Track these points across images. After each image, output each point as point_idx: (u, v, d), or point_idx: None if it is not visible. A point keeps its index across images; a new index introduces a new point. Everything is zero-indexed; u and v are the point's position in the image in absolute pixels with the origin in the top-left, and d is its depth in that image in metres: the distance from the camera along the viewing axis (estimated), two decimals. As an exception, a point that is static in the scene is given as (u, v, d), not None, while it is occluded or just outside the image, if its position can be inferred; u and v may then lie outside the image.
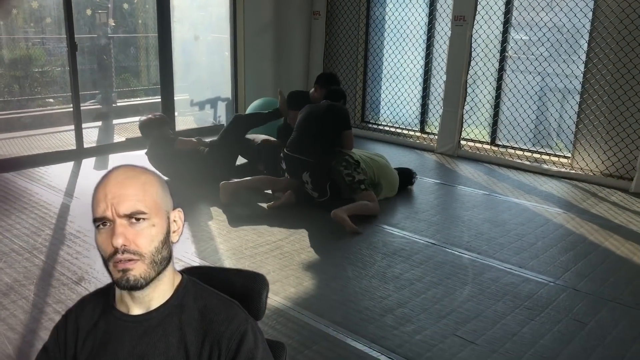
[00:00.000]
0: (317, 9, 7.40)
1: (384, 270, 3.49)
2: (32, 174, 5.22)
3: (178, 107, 6.93)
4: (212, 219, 4.25)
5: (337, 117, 4.60)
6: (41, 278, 3.24)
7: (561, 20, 5.70)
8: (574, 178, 5.53)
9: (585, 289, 3.31)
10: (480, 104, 6.46)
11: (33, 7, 5.99)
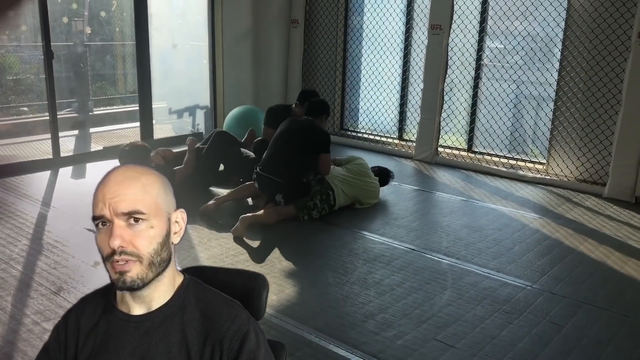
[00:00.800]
0: (296, 17, 7.44)
1: (365, 276, 3.52)
2: (8, 184, 5.14)
3: (156, 115, 6.89)
4: (192, 227, 4.23)
5: (316, 139, 4.45)
6: (18, 289, 3.20)
7: (535, 29, 5.83)
8: (549, 184, 5.64)
9: (561, 292, 3.38)
10: (457, 111, 6.55)
11: (9, 15, 5.92)
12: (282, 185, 4.38)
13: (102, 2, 6.69)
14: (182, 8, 7.43)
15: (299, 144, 4.45)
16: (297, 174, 4.43)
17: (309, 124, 4.57)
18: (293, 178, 4.41)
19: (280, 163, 4.42)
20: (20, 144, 6.59)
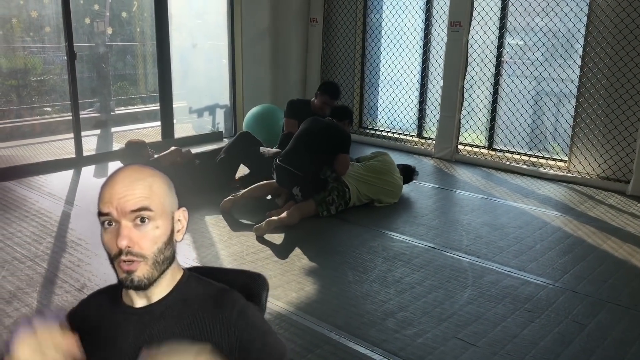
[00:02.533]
0: (314, 16, 7.45)
1: (385, 274, 3.52)
2: (32, 183, 5.23)
3: (177, 115, 6.96)
4: (213, 226, 4.27)
5: (336, 137, 4.53)
6: (44, 285, 3.26)
7: (556, 25, 5.76)
8: (571, 181, 5.58)
9: (584, 290, 3.34)
10: (477, 108, 6.50)
11: (32, 17, 6.01)
12: (300, 178, 4.44)
13: (123, 3, 6.77)
14: (201, 8, 7.48)
15: (320, 142, 4.51)
16: (315, 169, 4.48)
17: (332, 124, 4.66)
18: (311, 172, 4.46)
19: (300, 157, 4.48)
20: (44, 143, 6.71)
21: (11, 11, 5.81)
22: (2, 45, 6.27)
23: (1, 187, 5.06)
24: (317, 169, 4.48)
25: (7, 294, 3.13)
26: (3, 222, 4.23)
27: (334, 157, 4.51)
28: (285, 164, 4.50)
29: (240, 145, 5.11)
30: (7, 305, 3.01)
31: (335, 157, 4.50)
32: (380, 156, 4.91)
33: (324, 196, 4.44)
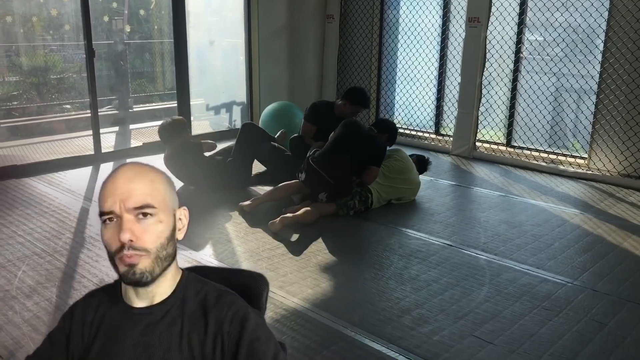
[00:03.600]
0: (331, 13, 7.43)
1: (401, 271, 3.50)
2: (52, 179, 5.30)
3: (194, 112, 6.99)
4: (230, 222, 4.28)
5: (374, 152, 4.47)
6: (63, 280, 3.29)
7: (576, 20, 5.67)
8: (591, 179, 5.50)
9: (604, 289, 3.30)
10: (496, 105, 6.44)
11: (52, 15, 6.08)
12: (330, 185, 4.37)
13: (142, 1, 6.81)
14: (218, 5, 7.50)
15: (360, 154, 4.44)
16: (347, 178, 4.43)
17: (375, 137, 4.59)
18: (341, 182, 4.40)
19: (336, 164, 4.40)
20: (64, 140, 6.78)
21: (32, 9, 5.88)
22: (23, 43, 6.35)
23: (22, 184, 5.13)
24: (348, 179, 4.42)
25: (27, 289, 3.17)
26: (23, 217, 4.29)
27: (366, 168, 4.46)
28: (318, 167, 4.40)
29: (247, 140, 5.09)
30: (27, 300, 3.05)
31: (365, 167, 4.46)
32: (396, 154, 4.85)
33: (346, 200, 4.42)
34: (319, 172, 4.38)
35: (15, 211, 4.42)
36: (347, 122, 4.64)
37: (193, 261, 3.52)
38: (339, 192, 4.40)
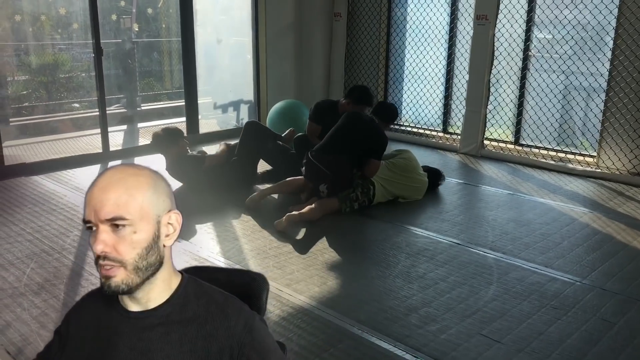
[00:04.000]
0: (338, 11, 7.42)
1: (408, 269, 3.49)
2: (60, 177, 5.32)
3: (201, 110, 7.00)
4: (237, 220, 4.29)
5: (375, 144, 4.45)
6: (71, 278, 3.31)
7: (585, 17, 5.63)
8: (600, 177, 5.46)
9: (613, 288, 3.27)
10: (504, 103, 6.41)
11: (61, 14, 6.11)
12: (329, 176, 4.40)
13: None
14: (226, 4, 7.51)
15: (358, 143, 4.44)
16: (346, 169, 4.44)
17: (374, 126, 4.56)
18: (341, 172, 4.41)
19: (334, 155, 4.42)
20: (72, 138, 6.81)
21: (40, 8, 5.91)
22: (32, 42, 6.37)
23: (30, 182, 5.16)
24: (347, 168, 4.44)
25: (35, 286, 3.19)
26: (32, 215, 4.31)
27: (366, 159, 4.47)
28: (316, 160, 4.44)
29: (250, 138, 5.06)
30: (35, 297, 3.06)
31: (366, 160, 4.47)
32: (403, 153, 4.86)
33: (348, 192, 4.43)
34: (317, 164, 4.41)
35: (24, 209, 4.45)
36: (349, 114, 4.65)
37: (200, 259, 3.53)
38: (338, 183, 4.40)
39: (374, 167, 4.49)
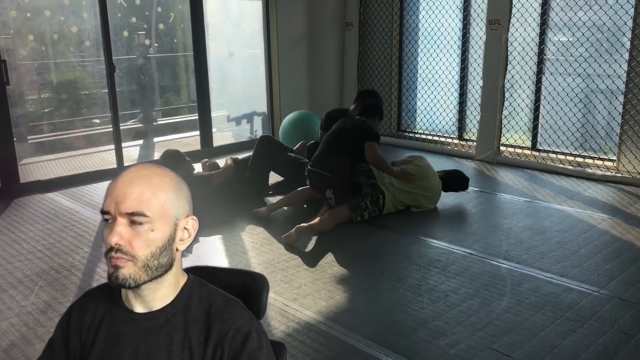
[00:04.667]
0: (350, 20, 7.38)
1: (419, 282, 3.41)
2: (74, 193, 5.36)
3: (217, 123, 7.02)
4: (246, 233, 4.25)
5: (359, 130, 4.52)
6: (77, 295, 3.28)
7: (601, 18, 5.50)
8: (620, 182, 5.31)
9: (632, 298, 3.15)
10: (519, 108, 6.29)
11: (73, 32, 6.19)
12: (332, 180, 4.41)
13: (162, 15, 6.88)
14: (237, 17, 7.53)
15: (348, 141, 4.51)
16: (347, 170, 4.45)
17: (359, 122, 4.65)
18: (343, 173, 4.43)
19: (331, 159, 4.47)
20: (88, 154, 6.87)
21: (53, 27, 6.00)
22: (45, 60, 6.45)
23: (45, 198, 5.20)
24: (348, 169, 4.45)
25: (42, 304, 3.19)
26: (44, 232, 4.33)
27: (363, 150, 4.46)
28: (316, 168, 4.49)
29: (263, 153, 5.03)
30: (42, 315, 3.06)
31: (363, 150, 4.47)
32: (416, 160, 4.77)
33: (358, 201, 4.38)
34: (317, 172, 4.46)
35: (37, 226, 4.48)
36: (340, 119, 4.76)
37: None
38: (343, 185, 4.40)
39: (372, 149, 4.45)
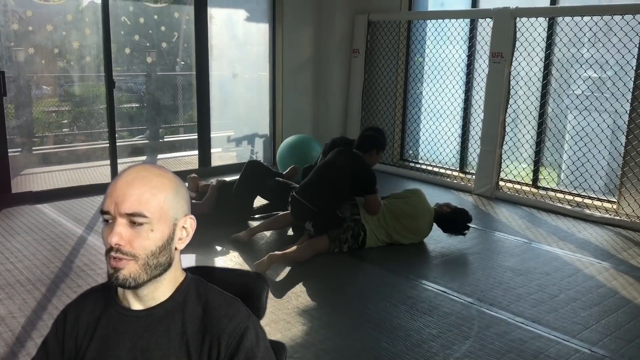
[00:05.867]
0: (357, 47, 7.36)
1: (383, 319, 3.29)
2: (64, 206, 5.37)
3: (216, 144, 7.01)
4: (220, 258, 4.19)
5: (360, 180, 4.29)
6: (35, 311, 3.26)
7: (603, 56, 5.36)
8: (619, 225, 5.11)
9: (603, 350, 2.98)
10: (519, 143, 6.15)
11: (74, 47, 6.29)
12: (314, 213, 4.26)
13: (164, 34, 6.95)
14: (242, 39, 7.56)
15: (340, 179, 4.32)
16: (331, 207, 4.31)
17: (355, 162, 4.38)
18: (326, 209, 4.28)
19: (317, 192, 4.31)
20: (87, 168, 6.91)
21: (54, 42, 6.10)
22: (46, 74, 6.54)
23: (33, 210, 5.22)
24: (334, 206, 4.32)
25: (-4, 318, 3.16)
26: (22, 244, 4.33)
27: (354, 195, 4.37)
28: (301, 197, 4.35)
29: (249, 177, 4.96)
30: (-7, 330, 3.03)
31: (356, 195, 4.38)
32: (412, 197, 4.55)
33: (339, 233, 4.28)
34: (301, 201, 4.30)
35: (17, 237, 4.48)
36: (336, 151, 4.53)
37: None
38: (325, 220, 4.25)
39: (372, 203, 4.32)
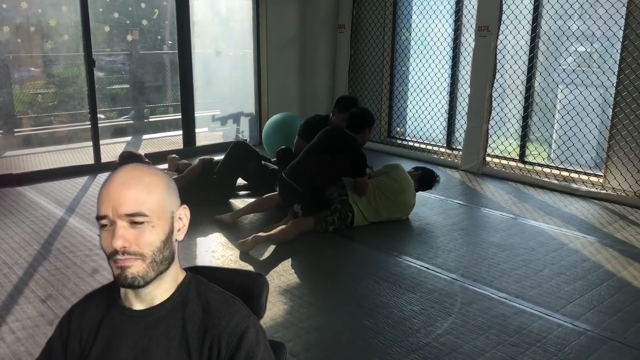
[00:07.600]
0: (343, 22, 7.25)
1: (366, 297, 3.25)
2: (44, 188, 5.28)
3: (201, 124, 6.92)
4: (204, 238, 4.14)
5: (351, 162, 4.20)
6: (10, 295, 3.20)
7: (589, 28, 5.29)
8: (605, 199, 5.09)
9: (585, 323, 2.97)
10: (506, 118, 6.10)
11: (51, 25, 6.14)
12: (302, 195, 4.20)
13: (144, 11, 6.80)
14: (225, 16, 7.42)
15: (330, 161, 4.24)
16: (320, 189, 4.25)
17: (345, 143, 4.28)
18: (315, 191, 4.22)
19: (307, 174, 4.23)
20: (73, 150, 6.81)
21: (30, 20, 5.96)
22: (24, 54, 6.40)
23: (13, 192, 5.14)
24: (322, 187, 4.27)
25: (-29, 302, 3.10)
26: (0, 227, 4.26)
27: (340, 174, 4.31)
28: (289, 179, 4.26)
29: (234, 158, 4.91)
30: (-33, 314, 2.97)
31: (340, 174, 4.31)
32: (393, 171, 4.53)
33: (326, 215, 4.23)
34: (290, 183, 4.22)
35: (-4, 220, 4.41)
36: (324, 130, 4.44)
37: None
38: (313, 202, 4.20)
39: (361, 185, 4.27)
